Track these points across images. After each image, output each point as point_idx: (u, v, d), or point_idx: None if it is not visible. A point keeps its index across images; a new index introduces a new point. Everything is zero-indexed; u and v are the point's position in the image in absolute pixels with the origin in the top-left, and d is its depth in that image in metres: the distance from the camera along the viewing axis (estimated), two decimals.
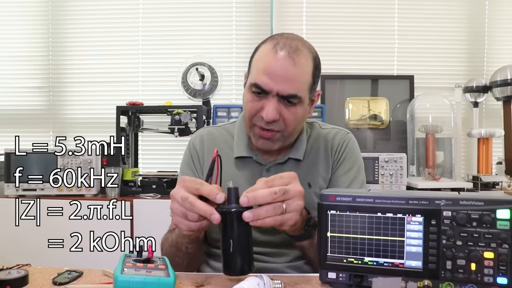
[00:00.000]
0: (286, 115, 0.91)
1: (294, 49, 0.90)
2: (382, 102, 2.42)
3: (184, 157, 1.10)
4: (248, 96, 0.94)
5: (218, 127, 1.13)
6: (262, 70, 0.90)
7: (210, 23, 2.48)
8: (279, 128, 0.93)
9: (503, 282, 0.64)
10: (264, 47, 0.94)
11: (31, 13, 2.52)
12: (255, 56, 0.96)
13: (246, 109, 0.95)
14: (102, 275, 0.81)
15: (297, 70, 0.89)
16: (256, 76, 0.91)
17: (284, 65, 0.88)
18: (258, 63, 0.93)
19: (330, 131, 1.08)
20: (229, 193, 0.73)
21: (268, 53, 0.91)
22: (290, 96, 0.90)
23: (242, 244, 0.72)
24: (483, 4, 2.48)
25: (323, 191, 0.75)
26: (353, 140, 1.08)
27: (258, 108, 0.92)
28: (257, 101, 0.92)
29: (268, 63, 0.90)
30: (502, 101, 2.29)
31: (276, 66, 0.88)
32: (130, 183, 2.07)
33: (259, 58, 0.94)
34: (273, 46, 0.91)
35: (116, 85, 2.50)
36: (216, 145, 1.05)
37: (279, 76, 0.88)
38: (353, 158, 1.05)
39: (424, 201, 0.69)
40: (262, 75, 0.90)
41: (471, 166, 2.46)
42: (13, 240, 1.93)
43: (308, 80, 0.93)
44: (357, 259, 0.71)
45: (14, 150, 1.99)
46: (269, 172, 1.01)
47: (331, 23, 2.47)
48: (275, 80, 0.88)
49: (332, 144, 1.05)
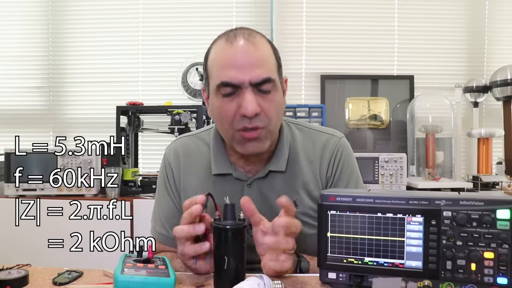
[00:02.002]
0: (265, 106, 0.83)
1: (248, 34, 0.84)
2: (382, 102, 2.42)
3: (160, 174, 1.03)
4: (217, 102, 0.85)
5: (193, 136, 1.03)
6: (225, 66, 0.82)
7: (210, 23, 2.48)
8: (263, 124, 0.84)
9: (503, 282, 0.64)
10: (216, 46, 0.87)
11: (31, 13, 2.52)
12: (209, 59, 0.88)
13: (221, 117, 0.85)
14: (102, 275, 0.81)
15: (260, 52, 0.83)
16: (220, 76, 0.83)
17: (245, 50, 0.82)
18: (216, 63, 0.85)
19: (320, 136, 0.98)
20: (225, 210, 0.72)
21: (224, 47, 0.84)
22: (264, 81, 0.82)
23: (237, 262, 0.71)
24: (483, 4, 2.48)
25: (323, 191, 0.75)
26: (347, 147, 0.99)
27: (234, 109, 0.83)
28: (230, 102, 0.83)
29: (228, 56, 0.82)
30: (502, 101, 2.29)
31: (238, 55, 0.81)
32: (130, 183, 2.07)
33: (216, 57, 0.86)
34: (225, 40, 0.85)
35: (116, 85, 2.50)
36: (192, 161, 0.98)
37: (245, 62, 0.81)
38: (350, 169, 0.97)
39: (424, 201, 0.69)
40: (227, 70, 0.82)
41: (471, 166, 2.46)
42: (13, 240, 1.93)
43: (274, 62, 0.87)
44: (357, 259, 0.71)
45: (14, 150, 1.99)
46: (250, 187, 0.93)
47: (331, 23, 2.47)
48: (242, 69, 0.81)
49: (323, 155, 0.95)
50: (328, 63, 2.45)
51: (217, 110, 0.87)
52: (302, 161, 0.95)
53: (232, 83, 0.82)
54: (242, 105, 0.82)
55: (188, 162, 0.98)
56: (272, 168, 0.93)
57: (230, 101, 0.83)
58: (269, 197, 0.93)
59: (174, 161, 1.00)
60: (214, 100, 0.87)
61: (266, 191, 0.94)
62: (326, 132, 1.00)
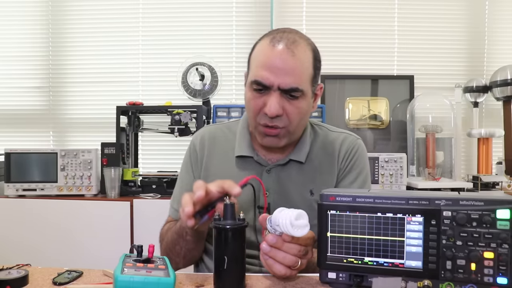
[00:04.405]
0: (289, 109, 0.90)
1: (291, 41, 0.89)
2: (382, 102, 2.42)
3: (185, 158, 1.10)
4: (249, 94, 0.93)
5: (220, 125, 1.11)
6: (261, 66, 0.89)
7: (210, 23, 2.48)
8: (284, 124, 0.91)
9: (503, 282, 0.64)
10: (261, 43, 0.93)
11: (31, 13, 2.52)
12: (253, 53, 0.95)
13: (249, 108, 0.94)
14: (102, 275, 0.81)
15: (296, 61, 0.88)
16: (255, 73, 0.90)
17: (283, 57, 0.87)
18: (256, 59, 0.92)
19: (339, 135, 1.05)
20: (225, 209, 0.72)
21: (266, 48, 0.90)
22: (292, 90, 0.88)
23: (236, 262, 0.71)
24: (483, 4, 2.48)
25: (323, 191, 0.75)
26: (362, 147, 1.05)
27: (260, 105, 0.91)
28: (259, 98, 0.91)
29: (267, 58, 0.89)
30: (502, 101, 2.29)
31: (275, 59, 0.87)
32: (130, 183, 2.07)
33: (257, 54, 0.93)
34: (270, 40, 0.90)
35: (116, 85, 2.50)
36: (217, 145, 1.05)
37: (279, 69, 0.87)
38: (361, 166, 1.02)
39: (424, 201, 0.69)
40: (262, 70, 0.89)
41: (471, 166, 2.46)
42: (13, 240, 1.93)
43: (309, 72, 0.91)
44: (357, 259, 0.71)
45: (14, 150, 1.99)
46: (269, 173, 0.99)
47: (331, 23, 2.47)
48: (275, 74, 0.87)
49: (340, 150, 1.02)
50: (328, 63, 2.44)
51: (247, 101, 0.95)
52: (321, 156, 1.02)
53: (263, 83, 0.89)
54: (266, 104, 0.89)
55: (212, 146, 1.05)
56: (293, 158, 0.99)
57: (259, 97, 0.91)
58: (286, 184, 0.99)
59: (199, 145, 1.07)
60: (247, 90, 0.95)
61: (284, 179, 0.99)
62: (345, 132, 1.07)
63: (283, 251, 0.72)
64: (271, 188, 0.98)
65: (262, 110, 0.90)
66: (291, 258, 0.72)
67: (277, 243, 0.71)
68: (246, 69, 1.00)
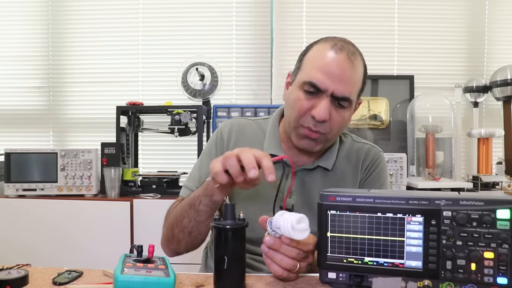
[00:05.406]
0: (335, 117, 0.90)
1: (352, 52, 0.90)
2: (382, 102, 2.42)
3: (209, 142, 1.08)
4: (298, 94, 0.92)
5: (250, 120, 1.10)
6: (319, 69, 0.89)
7: (210, 23, 2.48)
8: (325, 131, 0.91)
9: (503, 282, 0.64)
10: (319, 46, 0.93)
11: (31, 13, 2.52)
12: (308, 54, 0.94)
13: (295, 108, 0.92)
14: (102, 275, 0.81)
15: (353, 73, 0.90)
16: (311, 74, 0.90)
17: (343, 66, 0.88)
18: (313, 61, 0.91)
19: (363, 146, 1.06)
20: (225, 209, 0.72)
21: (326, 52, 0.90)
22: (343, 99, 0.89)
23: (236, 262, 0.71)
24: (483, 4, 2.48)
25: (323, 191, 0.75)
26: (384, 160, 1.07)
27: (308, 107, 0.90)
28: (308, 100, 0.90)
29: (327, 62, 0.89)
30: (502, 101, 2.29)
31: (335, 65, 0.88)
32: (130, 183, 2.07)
33: (315, 56, 0.92)
34: (331, 46, 0.91)
35: (116, 85, 2.50)
36: (245, 138, 1.04)
37: (337, 76, 0.88)
38: (382, 179, 1.04)
39: (424, 201, 0.69)
40: (318, 73, 0.88)
41: (471, 166, 2.46)
42: (13, 240, 1.93)
43: (359, 86, 0.94)
44: (357, 259, 0.71)
45: (14, 150, 1.99)
46: (295, 176, 0.99)
47: (331, 23, 2.47)
48: (332, 79, 0.87)
49: (364, 160, 1.03)
50: None
51: (293, 100, 0.93)
52: (346, 165, 1.03)
53: (317, 86, 0.89)
54: (316, 108, 0.89)
55: (240, 140, 1.04)
56: (321, 164, 1.00)
57: (308, 99, 0.90)
58: (309, 189, 0.99)
59: (227, 134, 1.05)
60: (295, 90, 0.93)
61: (308, 183, 1.00)
62: (369, 143, 1.09)
63: (281, 253, 0.72)
64: (295, 190, 0.99)
65: (308, 112, 0.90)
66: (288, 261, 0.72)
67: (275, 244, 0.72)
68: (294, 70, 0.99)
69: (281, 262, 0.72)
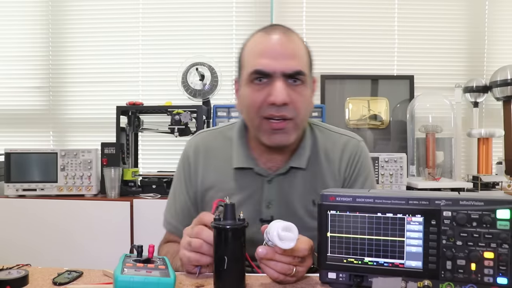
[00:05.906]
0: (295, 97, 0.85)
1: (285, 29, 0.89)
2: (382, 102, 2.42)
3: (177, 169, 1.05)
4: (247, 90, 0.88)
5: (214, 131, 1.04)
6: (259, 54, 0.86)
7: (210, 23, 2.48)
8: (291, 115, 0.85)
9: (503, 282, 0.64)
10: (251, 38, 0.92)
11: (31, 13, 2.52)
12: (245, 50, 0.92)
13: (250, 104, 0.87)
14: (102, 275, 0.81)
15: (294, 45, 0.87)
16: (253, 64, 0.86)
17: (281, 42, 0.86)
18: (251, 52, 0.89)
19: (340, 138, 0.99)
20: (225, 209, 0.72)
21: (260, 38, 0.88)
22: (296, 73, 0.85)
23: (236, 262, 0.71)
24: (483, 4, 2.48)
25: (323, 191, 0.75)
26: (365, 150, 1.00)
27: (263, 97, 0.85)
28: (260, 90, 0.85)
29: (264, 46, 0.86)
30: (502, 101, 2.29)
31: (274, 45, 0.85)
32: (130, 183, 2.07)
33: (251, 47, 0.90)
34: (263, 32, 0.89)
35: (116, 85, 2.50)
36: (213, 156, 0.99)
37: (279, 53, 0.84)
38: (366, 171, 0.98)
39: (424, 201, 0.69)
40: (261, 59, 0.85)
41: (471, 166, 2.46)
42: (13, 240, 1.93)
43: (306, 59, 0.90)
44: (357, 259, 0.71)
45: (14, 150, 1.99)
46: (271, 183, 0.94)
47: (331, 23, 2.47)
48: (276, 59, 0.84)
49: (343, 155, 0.96)
50: (328, 63, 2.44)
51: (246, 99, 0.88)
52: (323, 161, 0.96)
53: (264, 71, 0.84)
54: (271, 93, 0.84)
55: (208, 158, 0.99)
56: (294, 165, 0.94)
57: (260, 89, 0.86)
58: (289, 194, 0.94)
59: (193, 156, 1.01)
60: (245, 87, 0.89)
61: (286, 188, 0.94)
62: (346, 134, 1.01)
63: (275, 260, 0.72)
64: (274, 199, 0.93)
65: (265, 102, 0.85)
66: (283, 265, 0.72)
67: (268, 255, 0.71)
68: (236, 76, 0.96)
69: (275, 266, 0.72)
